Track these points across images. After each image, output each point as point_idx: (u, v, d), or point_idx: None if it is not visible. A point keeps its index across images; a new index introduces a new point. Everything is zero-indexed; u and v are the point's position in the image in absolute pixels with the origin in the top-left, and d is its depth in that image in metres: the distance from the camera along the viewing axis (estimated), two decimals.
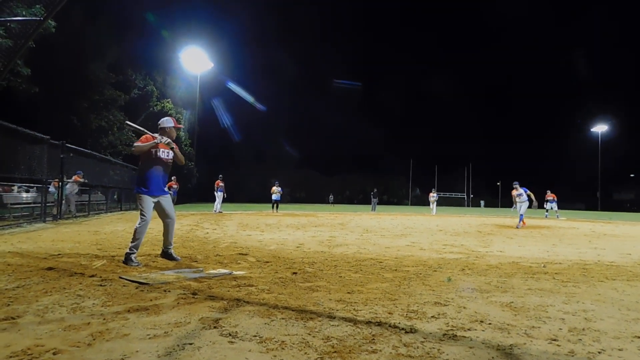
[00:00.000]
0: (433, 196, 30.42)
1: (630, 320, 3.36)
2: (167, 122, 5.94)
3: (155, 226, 10.88)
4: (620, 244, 9.73)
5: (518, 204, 15.68)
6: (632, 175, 75.73)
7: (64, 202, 14.35)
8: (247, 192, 60.48)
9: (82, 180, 15.60)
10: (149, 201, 5.60)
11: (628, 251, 8.26)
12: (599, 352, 2.60)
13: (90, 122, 27.36)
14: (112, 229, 10.96)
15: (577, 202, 68.27)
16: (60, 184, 13.85)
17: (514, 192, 15.77)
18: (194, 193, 44.36)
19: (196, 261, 5.81)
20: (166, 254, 5.80)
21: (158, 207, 5.73)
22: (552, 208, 26.49)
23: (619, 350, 2.65)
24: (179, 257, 5.84)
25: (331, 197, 56.27)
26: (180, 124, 6.54)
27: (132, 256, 5.41)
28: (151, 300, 3.60)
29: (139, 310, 3.26)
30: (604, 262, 6.67)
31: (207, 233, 10.26)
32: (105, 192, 21.71)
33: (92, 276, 4.55)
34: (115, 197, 23.34)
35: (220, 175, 22.85)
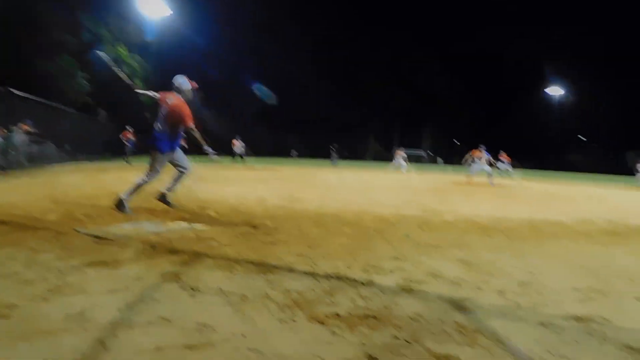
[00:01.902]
0: (401, 155, 30.80)
1: (571, 274, 3.59)
2: (184, 84, 5.82)
3: (112, 178, 10.61)
4: (569, 204, 10.24)
5: (474, 165, 16.31)
6: (584, 138, 78.86)
7: (12, 152, 13.69)
8: (208, 145, 59.21)
9: (31, 129, 14.87)
10: (164, 159, 5.74)
11: (575, 210, 8.71)
12: (542, 304, 2.78)
13: (38, 67, 25.85)
14: (66, 181, 10.60)
15: (531, 162, 70.81)
16: (7, 133, 13.16)
17: (477, 154, 16.30)
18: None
19: (155, 215, 5.73)
20: (164, 198, 5.94)
21: (171, 161, 5.92)
22: (506, 170, 27.40)
23: (560, 301, 2.84)
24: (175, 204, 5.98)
25: (294, 152, 56.14)
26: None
27: (127, 203, 5.59)
28: (110, 254, 3.55)
29: (98, 264, 3.22)
30: (552, 220, 7.02)
31: None
32: (58, 142, 20.84)
33: (47, 230, 4.42)
34: (68, 147, 22.45)
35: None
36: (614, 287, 3.24)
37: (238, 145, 25.37)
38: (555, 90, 64.50)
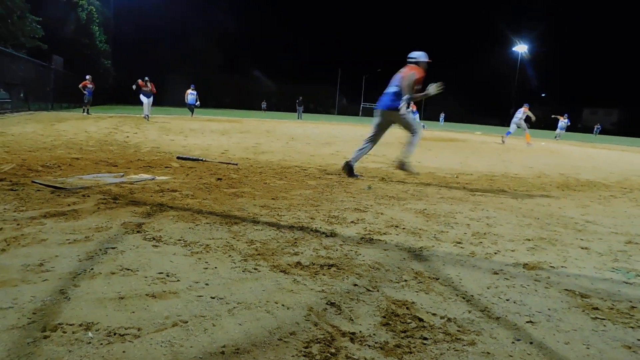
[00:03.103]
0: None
1: (524, 225, 3.76)
2: (424, 56, 6.08)
3: (70, 128, 10.26)
4: (525, 158, 10.61)
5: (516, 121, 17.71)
6: (543, 95, 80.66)
7: None
8: (170, 95, 57.55)
9: None
10: (407, 114, 6.04)
11: (531, 164, 9.03)
12: (495, 253, 2.92)
13: None
14: (20, 130, 10.16)
15: (492, 117, 72.52)
16: None
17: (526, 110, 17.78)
18: (111, 94, 41.65)
19: (116, 166, 5.61)
20: (404, 166, 6.11)
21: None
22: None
23: (512, 251, 2.99)
24: (416, 171, 6.36)
25: (264, 104, 55.68)
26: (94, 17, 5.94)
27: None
28: (69, 205, 3.48)
29: (56, 215, 3.15)
30: (509, 174, 7.27)
31: (128, 137, 9.84)
32: (10, 89, 19.76)
33: (2, 180, 4.27)
34: (22, 95, 21.34)
35: (146, 78, 20.84)
36: (562, 237, 3.42)
37: (190, 95, 23.96)
38: (521, 48, 65.22)
